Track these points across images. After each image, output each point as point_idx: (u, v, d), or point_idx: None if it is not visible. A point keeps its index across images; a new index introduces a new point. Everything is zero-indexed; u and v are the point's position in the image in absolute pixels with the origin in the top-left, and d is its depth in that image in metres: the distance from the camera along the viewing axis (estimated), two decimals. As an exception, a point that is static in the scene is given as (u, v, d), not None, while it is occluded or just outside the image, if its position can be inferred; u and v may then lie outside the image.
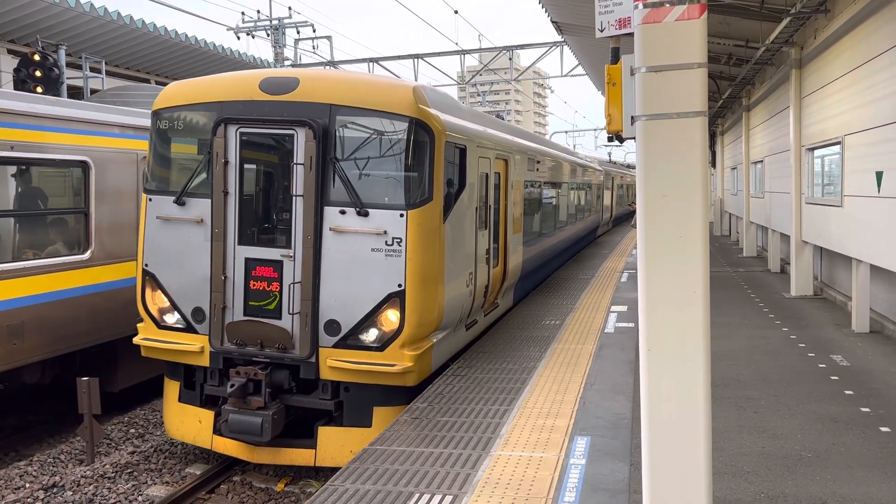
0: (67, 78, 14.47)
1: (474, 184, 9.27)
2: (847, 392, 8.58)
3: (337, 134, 7.72)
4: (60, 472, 8.47)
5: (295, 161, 7.69)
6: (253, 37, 26.35)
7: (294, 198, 7.71)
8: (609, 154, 60.76)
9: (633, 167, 57.15)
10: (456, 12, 31.26)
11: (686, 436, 4.04)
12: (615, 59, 5.83)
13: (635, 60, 4.06)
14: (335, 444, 7.69)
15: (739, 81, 22.01)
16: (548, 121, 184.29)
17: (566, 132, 69.17)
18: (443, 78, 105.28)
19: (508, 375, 8.67)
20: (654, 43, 3.98)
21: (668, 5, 3.92)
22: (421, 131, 7.69)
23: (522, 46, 28.68)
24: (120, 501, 7.74)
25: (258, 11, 26.16)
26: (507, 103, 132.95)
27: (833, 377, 9.23)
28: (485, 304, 10.45)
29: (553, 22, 18.92)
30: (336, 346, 7.62)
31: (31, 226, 9.37)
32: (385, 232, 7.50)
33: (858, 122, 11.55)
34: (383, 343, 7.55)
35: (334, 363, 7.56)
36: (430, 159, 7.72)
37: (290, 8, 26.30)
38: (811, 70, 14.90)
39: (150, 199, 8.27)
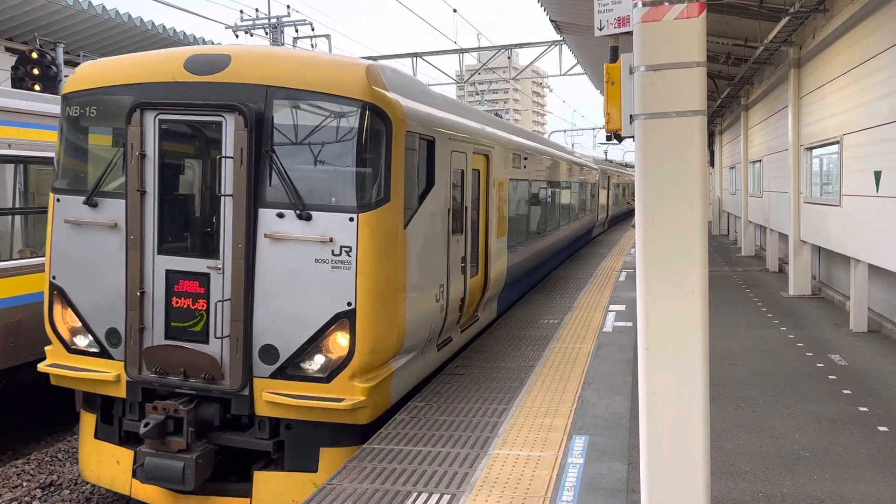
0: (65, 76, 14.46)
1: (446, 182, 8.16)
2: (845, 391, 8.59)
3: (274, 121, 6.58)
4: (58, 470, 8.46)
5: (223, 154, 6.55)
6: (251, 35, 26.32)
7: (222, 198, 6.57)
8: (605, 152, 60.69)
9: (630, 166, 57.21)
10: (455, 11, 31.23)
11: (684, 435, 4.04)
12: (614, 57, 5.81)
13: (634, 59, 4.05)
14: (274, 491, 6.60)
15: (738, 81, 22.02)
16: (546, 120, 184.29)
17: (565, 131, 69.22)
18: (442, 77, 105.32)
19: (507, 374, 8.66)
20: (652, 42, 3.97)
21: (667, 4, 3.91)
22: (375, 118, 6.55)
23: (521, 45, 28.68)
24: (118, 500, 7.73)
25: (256, 10, 26.12)
26: (505, 102, 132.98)
27: (831, 377, 9.24)
28: (461, 318, 9.32)
29: (552, 21, 18.91)
30: (274, 376, 6.48)
31: (31, 224, 9.35)
32: (331, 239, 6.39)
33: (857, 122, 11.55)
34: (330, 373, 6.41)
35: (272, 397, 6.42)
36: (386, 152, 6.59)
37: (288, 6, 26.26)
38: (810, 69, 14.91)
39: (59, 200, 7.07)
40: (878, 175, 10.46)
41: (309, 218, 6.44)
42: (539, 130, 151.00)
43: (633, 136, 4.35)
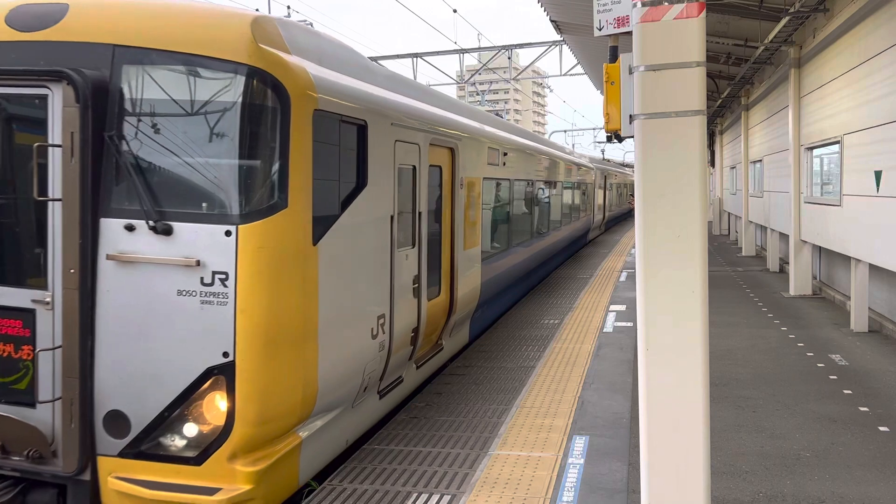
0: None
1: (386, 181, 6.48)
2: (846, 391, 8.58)
3: (123, 94, 4.85)
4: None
5: (49, 141, 4.84)
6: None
7: (49, 204, 4.86)
8: (602, 151, 60.47)
9: (629, 165, 57.10)
10: (455, 11, 31.24)
11: (684, 435, 4.04)
12: (613, 57, 5.81)
13: (634, 59, 4.05)
14: None
15: (738, 81, 22.01)
16: (546, 120, 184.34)
17: (565, 131, 69.20)
18: (442, 77, 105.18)
19: (507, 375, 8.66)
20: (652, 41, 3.97)
21: (666, 4, 3.91)
22: (265, 90, 4.87)
23: (521, 45, 28.68)
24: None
25: (256, 10, 26.13)
26: (506, 102, 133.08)
27: (832, 377, 9.23)
28: (415, 352, 7.62)
29: (552, 21, 18.89)
30: (125, 454, 4.83)
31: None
32: (199, 262, 4.68)
33: (857, 122, 11.54)
34: (202, 451, 4.75)
35: (122, 485, 4.78)
36: (282, 138, 4.89)
37: (288, 7, 26.27)
38: (810, 69, 14.90)
39: None
40: (878, 175, 10.45)
41: (168, 231, 4.73)
42: (539, 131, 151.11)
43: (632, 136, 4.35)
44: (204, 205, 4.80)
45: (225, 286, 4.70)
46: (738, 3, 13.93)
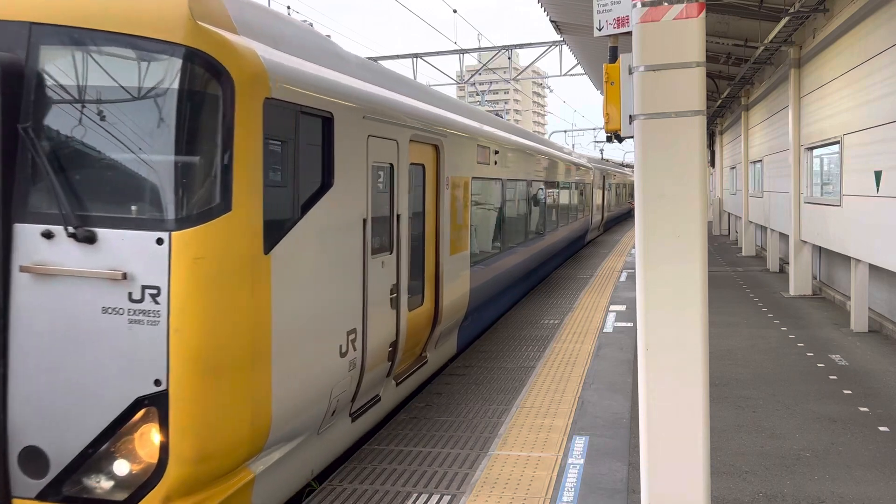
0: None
1: (357, 180, 5.90)
2: (846, 391, 8.58)
3: (40, 80, 4.30)
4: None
5: None
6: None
7: None
8: (601, 151, 60.29)
9: (628, 166, 56.93)
10: (455, 11, 31.25)
11: (684, 435, 4.04)
12: (613, 58, 5.82)
13: (633, 59, 4.05)
14: None
15: (738, 81, 22.01)
16: (547, 120, 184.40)
17: (565, 132, 69.18)
18: (442, 77, 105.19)
19: (507, 375, 8.66)
20: (652, 42, 3.97)
21: (666, 4, 3.91)
22: (205, 75, 4.28)
23: (521, 46, 28.68)
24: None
25: None
26: (506, 103, 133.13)
27: (832, 377, 9.23)
28: (394, 368, 7.03)
29: (552, 21, 18.89)
30: (44, 496, 4.26)
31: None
32: (126, 275, 4.13)
33: (857, 122, 11.55)
34: (132, 493, 4.20)
35: None
36: (225, 130, 4.30)
37: (289, 7, 26.27)
38: (810, 69, 14.90)
39: None
40: (878, 175, 10.46)
41: (91, 239, 4.16)
42: (539, 131, 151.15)
43: (632, 137, 4.35)
44: (133, 208, 4.22)
45: (156, 303, 4.11)
46: (738, 3, 13.93)
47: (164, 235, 4.14)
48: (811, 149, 15.17)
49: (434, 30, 28.50)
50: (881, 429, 7.31)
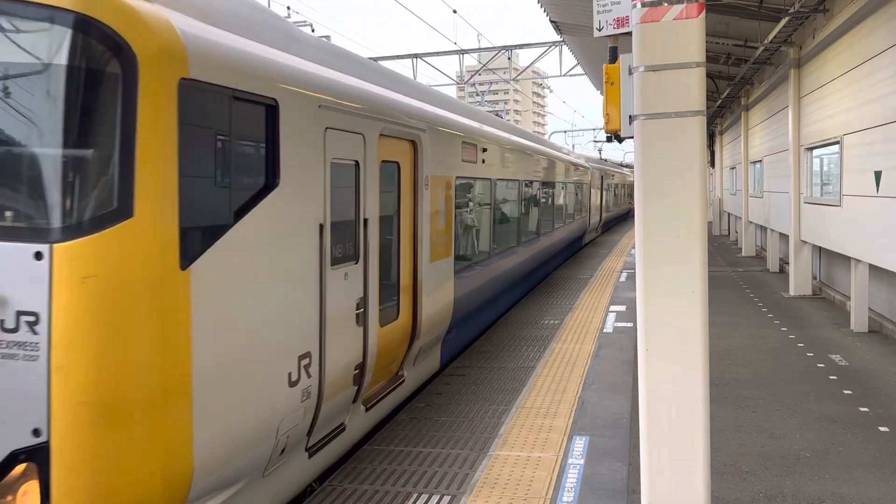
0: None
1: (312, 180, 5.14)
2: (846, 392, 8.58)
3: None
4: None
5: None
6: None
7: None
8: (599, 151, 60.12)
9: (627, 166, 56.80)
10: (455, 12, 31.25)
11: (684, 435, 4.04)
12: (613, 58, 5.83)
13: (633, 60, 4.06)
14: None
15: (738, 81, 22.02)
16: (546, 121, 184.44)
17: (565, 132, 69.17)
18: (442, 77, 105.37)
19: (507, 375, 8.66)
20: (652, 42, 3.98)
21: (666, 4, 3.91)
22: (98, 48, 3.52)
23: (521, 46, 28.67)
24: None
25: None
26: (505, 103, 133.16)
27: (832, 377, 9.23)
28: (361, 393, 6.25)
29: (552, 21, 18.90)
30: None
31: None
32: None
33: (857, 122, 11.55)
34: None
35: None
36: (124, 117, 3.53)
37: (288, 8, 26.28)
38: (810, 69, 14.91)
39: None
40: (878, 175, 10.46)
41: None
42: (539, 131, 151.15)
43: (632, 137, 4.36)
44: (7, 214, 3.43)
45: (34, 333, 3.33)
46: (738, 3, 13.93)
47: (45, 248, 3.34)
48: (811, 149, 15.18)
49: (434, 30, 28.54)
50: (881, 429, 7.31)
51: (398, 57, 29.02)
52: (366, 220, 6.06)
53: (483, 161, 10.24)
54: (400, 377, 7.46)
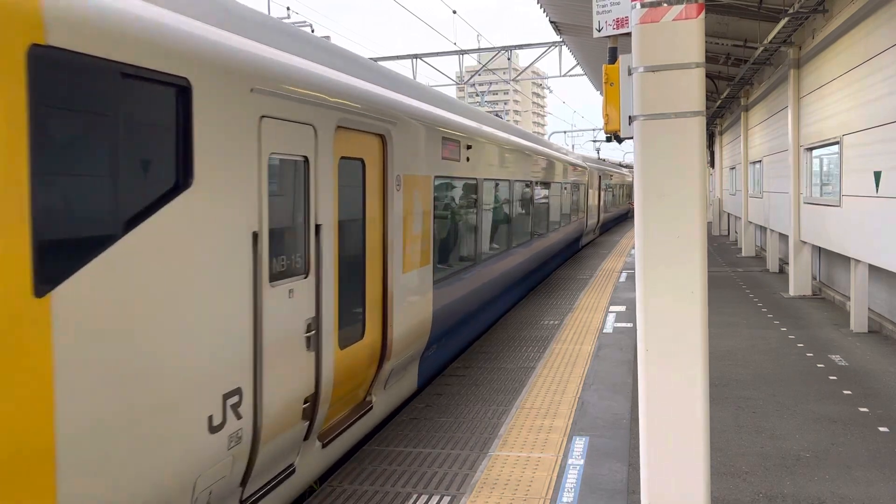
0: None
1: (241, 179, 4.27)
2: (845, 392, 8.58)
3: None
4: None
5: None
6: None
7: None
8: (598, 150, 59.99)
9: (626, 166, 56.77)
10: (454, 12, 31.26)
11: (684, 436, 4.04)
12: (613, 58, 5.83)
13: (633, 60, 4.06)
14: None
15: (738, 81, 22.03)
16: (546, 121, 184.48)
17: (565, 132, 69.21)
18: (442, 78, 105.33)
19: (507, 375, 8.66)
20: (651, 43, 3.98)
21: (665, 5, 3.92)
22: None
23: (521, 46, 28.68)
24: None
25: None
26: (505, 104, 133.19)
27: (832, 377, 9.23)
28: (314, 429, 5.37)
29: (552, 22, 18.92)
30: None
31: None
32: None
33: (857, 122, 11.55)
34: None
35: None
36: None
37: (288, 8, 26.28)
38: (809, 70, 14.91)
39: None
40: (877, 175, 10.46)
41: None
42: (539, 132, 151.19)
43: (631, 137, 4.36)
44: None
45: None
46: (737, 4, 13.94)
47: None
48: (810, 149, 15.18)
49: (434, 30, 28.52)
50: (881, 429, 7.31)
51: (398, 57, 29.04)
52: (318, 227, 5.22)
53: (467, 159, 9.40)
54: (367, 404, 6.56)
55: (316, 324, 5.18)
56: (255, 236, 4.39)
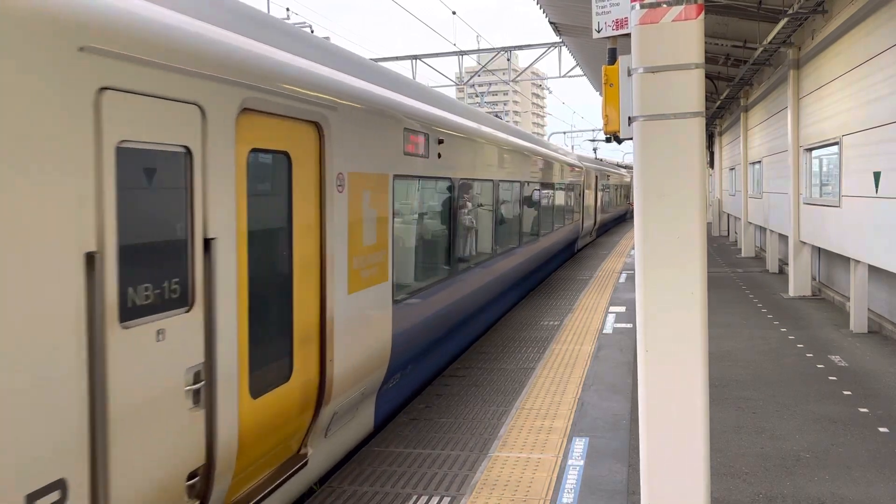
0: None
1: (70, 179, 3.04)
2: (845, 392, 8.58)
3: None
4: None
5: None
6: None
7: None
8: (595, 150, 59.88)
9: (624, 166, 56.73)
10: (454, 13, 31.27)
11: (684, 436, 4.04)
12: (612, 59, 5.83)
13: (632, 61, 4.06)
14: None
15: (737, 82, 22.04)
16: (546, 122, 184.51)
17: (564, 133, 69.22)
18: (441, 79, 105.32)
19: (507, 376, 8.66)
20: (651, 43, 3.98)
21: (664, 6, 3.92)
22: None
23: (521, 47, 28.69)
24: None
25: None
26: (505, 104, 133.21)
27: (831, 377, 9.23)
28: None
29: (551, 23, 18.93)
30: None
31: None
32: None
33: (856, 123, 11.56)
34: None
35: None
36: None
37: (287, 9, 26.29)
38: (809, 70, 14.92)
39: None
40: (877, 176, 10.46)
41: None
42: (539, 132, 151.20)
43: (631, 138, 4.36)
44: None
45: None
46: (737, 4, 13.95)
47: None
48: (810, 150, 15.18)
49: (433, 31, 28.53)
50: (881, 429, 7.31)
51: (397, 58, 29.05)
52: (209, 241, 3.96)
53: (439, 155, 8.05)
54: (300, 458, 5.29)
55: (207, 371, 3.96)
56: (91, 258, 3.15)
